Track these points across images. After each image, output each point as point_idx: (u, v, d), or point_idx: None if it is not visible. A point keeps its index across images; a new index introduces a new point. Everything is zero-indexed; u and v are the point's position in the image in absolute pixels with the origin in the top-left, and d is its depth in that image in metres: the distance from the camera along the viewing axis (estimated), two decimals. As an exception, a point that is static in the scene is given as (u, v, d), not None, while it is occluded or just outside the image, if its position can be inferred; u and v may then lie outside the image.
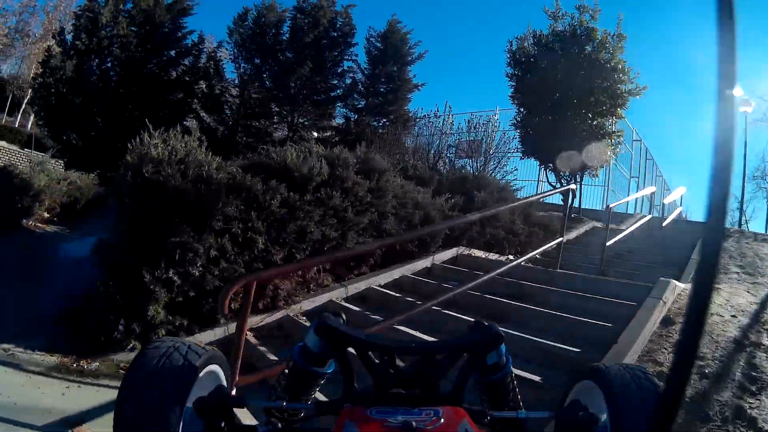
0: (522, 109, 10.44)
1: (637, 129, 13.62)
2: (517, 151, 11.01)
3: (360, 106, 15.33)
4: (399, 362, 1.14)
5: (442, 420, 0.96)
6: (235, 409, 1.26)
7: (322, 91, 14.76)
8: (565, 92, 9.35)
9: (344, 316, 1.25)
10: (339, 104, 15.33)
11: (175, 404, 1.09)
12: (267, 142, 11.98)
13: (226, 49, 14.19)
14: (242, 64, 13.97)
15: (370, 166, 5.12)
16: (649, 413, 1.04)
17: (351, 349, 1.15)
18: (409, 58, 15.25)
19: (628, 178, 13.39)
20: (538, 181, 11.97)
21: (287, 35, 14.14)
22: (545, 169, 10.56)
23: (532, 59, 10.08)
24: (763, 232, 16.48)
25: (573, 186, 6.92)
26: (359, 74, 15.35)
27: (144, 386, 1.11)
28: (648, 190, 11.73)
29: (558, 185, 9.92)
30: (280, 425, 1.17)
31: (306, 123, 14.79)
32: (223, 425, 1.19)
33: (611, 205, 6.78)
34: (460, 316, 3.67)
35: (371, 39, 15.16)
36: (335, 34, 14.42)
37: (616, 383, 1.14)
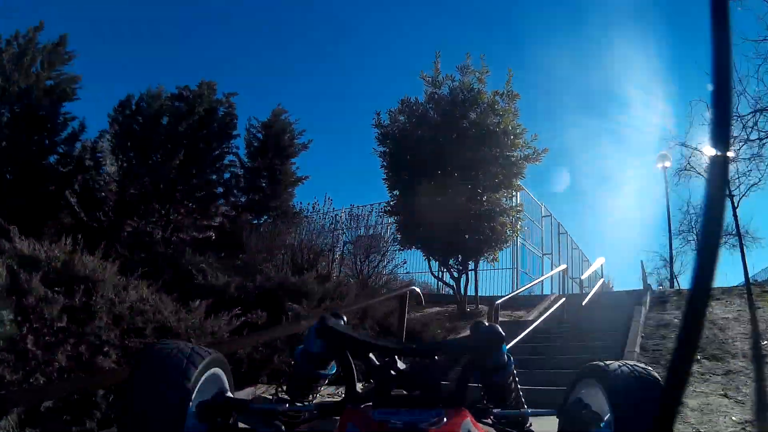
0: (396, 192, 8.90)
1: (546, 203, 13.41)
2: (395, 243, 9.53)
3: (241, 202, 14.29)
4: (400, 364, 1.12)
5: (445, 420, 0.95)
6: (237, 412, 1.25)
7: (200, 186, 13.68)
8: (446, 167, 8.06)
9: (344, 317, 1.23)
10: (221, 201, 14.19)
11: (178, 407, 1.08)
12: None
13: (109, 139, 13.13)
14: (121, 156, 12.70)
15: (75, 273, 3.50)
16: (650, 409, 1.05)
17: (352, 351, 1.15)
18: (293, 149, 14.57)
19: (540, 256, 12.85)
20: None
21: (165, 126, 13.18)
22: (429, 260, 9.17)
23: (406, 132, 8.61)
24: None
25: (413, 287, 5.42)
26: (240, 168, 14.62)
27: (147, 388, 1.10)
28: (559, 267, 11.05)
29: (446, 275, 9.03)
30: (282, 427, 1.16)
31: (185, 222, 13.61)
32: (225, 427, 1.19)
33: (498, 303, 5.41)
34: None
35: (252, 129, 14.39)
36: (215, 125, 13.42)
37: (617, 380, 1.16)
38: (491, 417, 1.13)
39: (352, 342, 1.13)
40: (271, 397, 1.31)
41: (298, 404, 1.23)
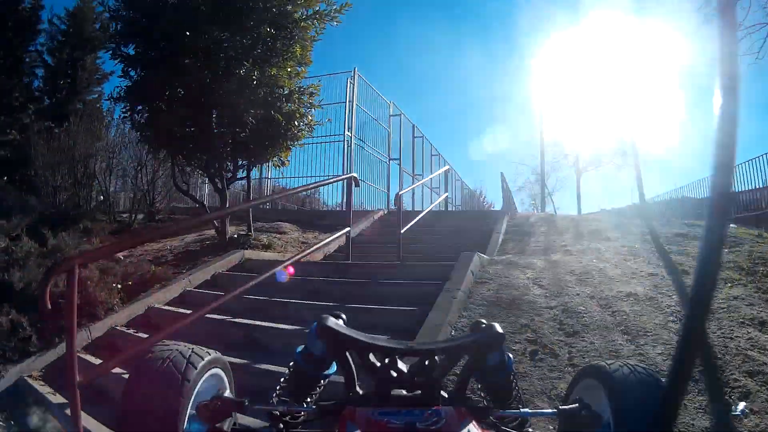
0: (134, 72, 5.73)
1: (397, 101, 11.57)
2: (140, 141, 6.96)
3: (40, 107, 11.84)
4: (400, 364, 1.14)
5: (445, 420, 0.97)
6: (237, 413, 1.26)
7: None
8: (196, 31, 5.21)
9: (344, 317, 1.25)
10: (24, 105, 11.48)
11: (178, 408, 1.08)
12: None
13: None
14: None
15: None
16: (651, 409, 1.07)
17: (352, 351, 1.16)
18: (99, 42, 11.76)
19: (385, 161, 11.19)
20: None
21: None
22: (179, 168, 6.61)
23: None
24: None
25: (354, 174, 5.23)
26: (42, 68, 11.77)
27: (147, 389, 1.11)
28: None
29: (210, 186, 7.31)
30: (282, 428, 1.15)
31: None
32: (225, 429, 1.19)
33: (400, 192, 6.24)
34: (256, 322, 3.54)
35: (56, 21, 11.80)
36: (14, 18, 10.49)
37: (617, 380, 1.17)
38: (491, 417, 1.14)
39: (352, 342, 1.13)
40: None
41: (298, 405, 1.23)
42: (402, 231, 5.34)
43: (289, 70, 5.89)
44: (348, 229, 5.03)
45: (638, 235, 5.18)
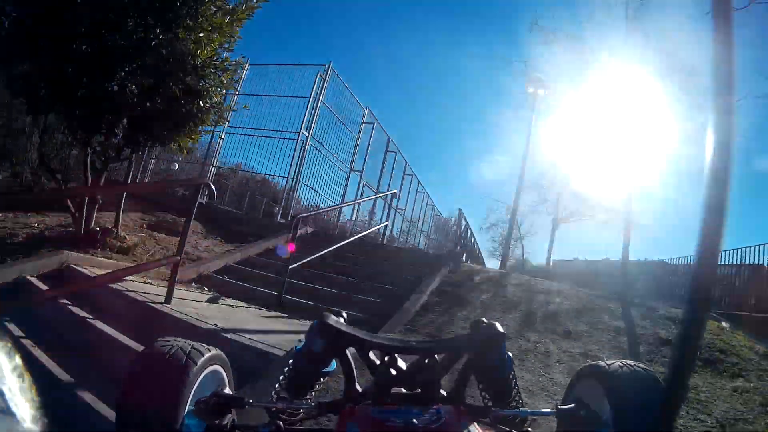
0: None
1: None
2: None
3: None
4: (400, 362, 1.15)
5: (444, 419, 0.98)
6: (235, 409, 1.23)
7: None
8: None
9: (345, 315, 1.25)
10: None
11: (177, 404, 1.07)
12: None
13: None
14: None
15: None
16: (651, 410, 1.07)
17: (352, 349, 1.16)
18: None
19: (346, 171, 10.09)
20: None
21: None
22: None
23: None
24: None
25: (206, 180, 5.00)
26: None
27: (146, 385, 1.10)
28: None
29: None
30: (281, 425, 1.13)
31: None
32: (224, 425, 1.17)
33: (301, 216, 5.55)
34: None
35: None
36: None
37: (617, 380, 1.17)
38: (490, 416, 1.14)
39: (352, 340, 1.13)
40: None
41: (297, 402, 1.22)
42: (294, 265, 4.70)
43: (201, 34, 4.77)
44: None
45: (611, 332, 4.01)
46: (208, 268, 5.45)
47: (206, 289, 4.86)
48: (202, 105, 4.96)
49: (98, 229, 5.17)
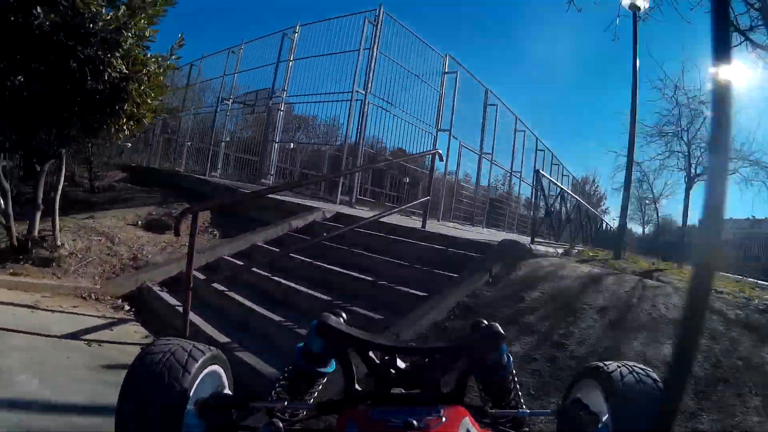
0: None
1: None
2: None
3: None
4: (400, 362, 1.16)
5: (444, 419, 0.99)
6: (235, 410, 1.24)
7: None
8: None
9: (344, 315, 1.26)
10: None
11: (177, 404, 1.08)
12: None
13: None
14: None
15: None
16: (649, 410, 1.08)
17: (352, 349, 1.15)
18: None
19: (432, 132, 8.83)
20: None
21: None
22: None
23: None
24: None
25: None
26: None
27: (147, 385, 1.10)
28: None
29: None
30: (281, 425, 1.12)
31: None
32: (224, 425, 1.18)
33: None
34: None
35: None
36: None
37: (615, 381, 1.17)
38: (490, 416, 1.14)
39: (352, 340, 1.13)
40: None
41: (297, 402, 1.23)
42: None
43: None
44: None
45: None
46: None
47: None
48: (107, 78, 3.88)
49: (35, 237, 4.43)
